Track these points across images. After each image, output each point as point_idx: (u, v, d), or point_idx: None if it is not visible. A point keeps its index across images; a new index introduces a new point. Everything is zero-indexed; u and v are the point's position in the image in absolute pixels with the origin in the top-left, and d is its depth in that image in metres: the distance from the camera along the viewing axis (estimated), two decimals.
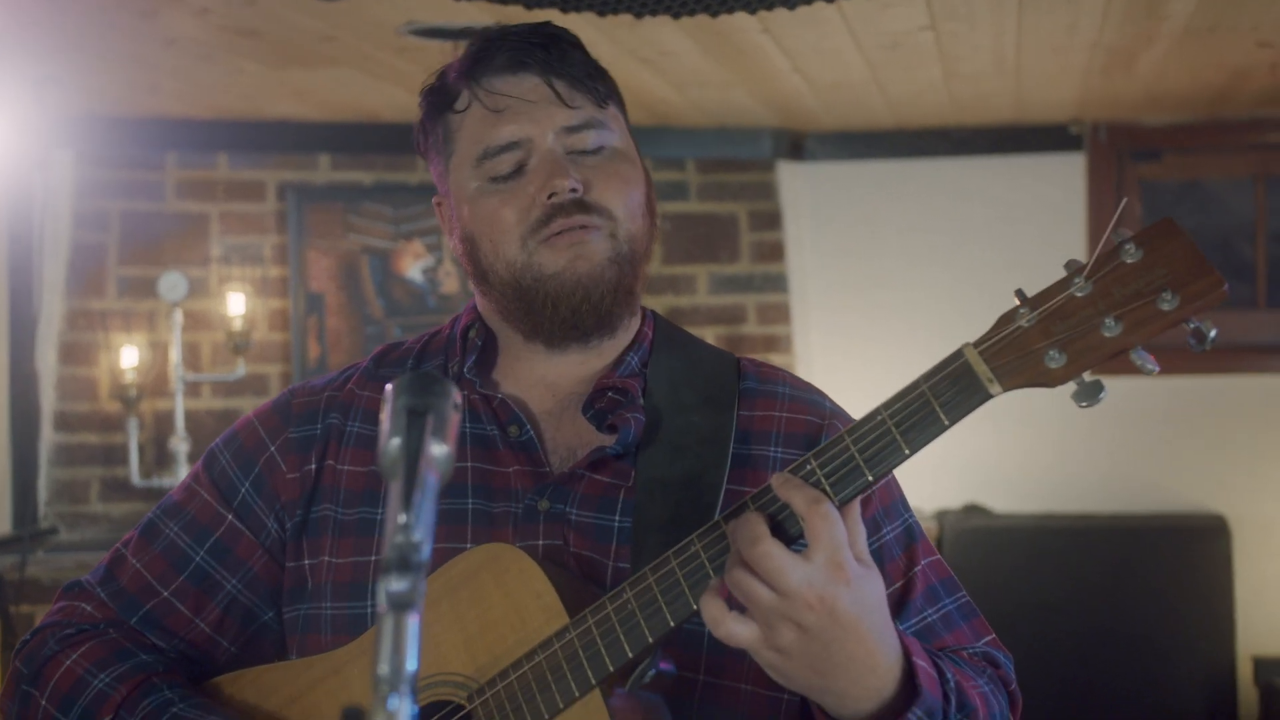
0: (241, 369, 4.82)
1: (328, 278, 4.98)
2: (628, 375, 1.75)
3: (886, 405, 1.45)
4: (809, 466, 1.45)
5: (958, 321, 5.16)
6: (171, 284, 4.76)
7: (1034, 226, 5.16)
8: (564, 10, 3.05)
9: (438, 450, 1.20)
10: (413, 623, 1.06)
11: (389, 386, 1.24)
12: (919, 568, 1.71)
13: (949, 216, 5.21)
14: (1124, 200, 1.45)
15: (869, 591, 1.43)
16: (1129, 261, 1.40)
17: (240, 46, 3.63)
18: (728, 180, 5.13)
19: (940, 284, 5.21)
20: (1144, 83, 4.32)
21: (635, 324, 1.81)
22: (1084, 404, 1.43)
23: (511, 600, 1.60)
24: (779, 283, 5.08)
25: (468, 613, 1.62)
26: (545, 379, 1.77)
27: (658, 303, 5.13)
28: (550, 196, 1.67)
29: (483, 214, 1.70)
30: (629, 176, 1.73)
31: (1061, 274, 1.37)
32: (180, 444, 4.75)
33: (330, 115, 4.79)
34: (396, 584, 1.08)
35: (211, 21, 3.36)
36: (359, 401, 1.80)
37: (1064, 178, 5.14)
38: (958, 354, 1.44)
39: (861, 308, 5.22)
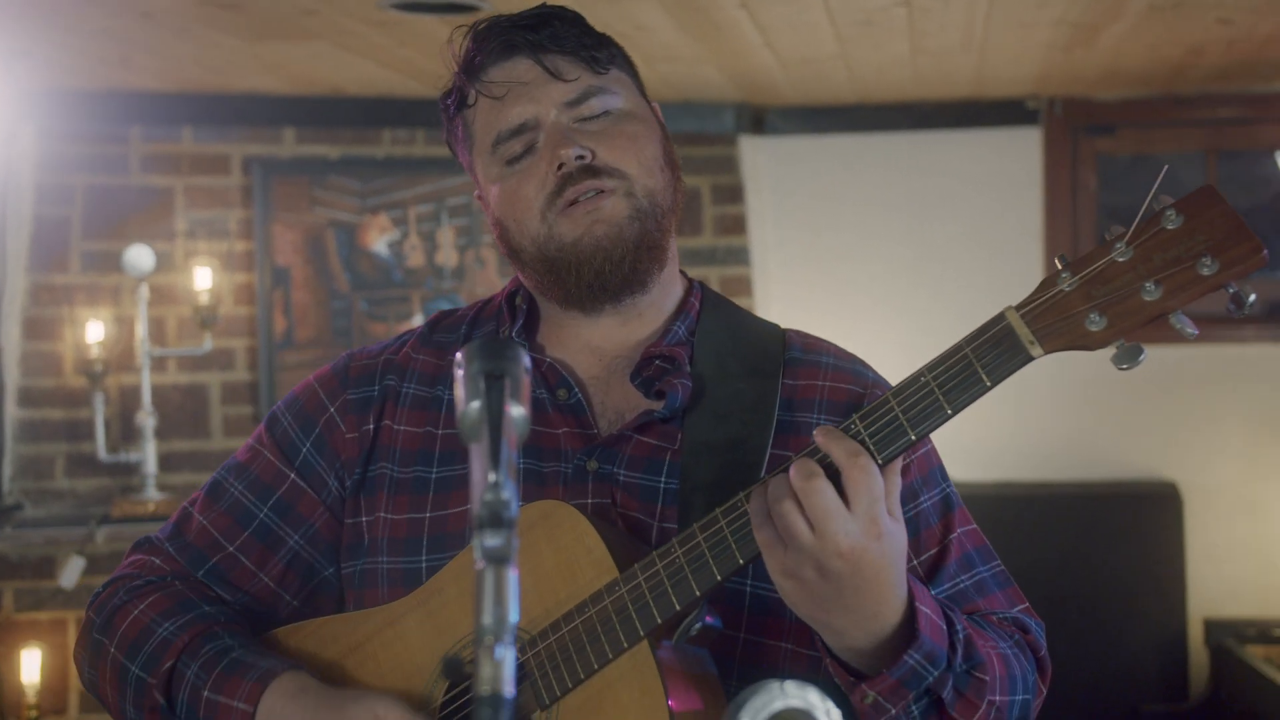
0: (208, 343, 4.82)
1: (293, 251, 4.98)
2: (675, 344, 1.81)
3: (930, 367, 1.51)
4: (855, 427, 1.52)
5: (916, 293, 5.28)
6: (136, 258, 4.73)
7: (992, 200, 5.26)
8: None
9: (516, 412, 1.24)
10: (512, 575, 1.10)
11: (459, 354, 1.29)
12: (954, 535, 1.78)
13: (908, 190, 5.28)
14: (1165, 168, 1.51)
15: (894, 547, 1.50)
16: (1170, 228, 1.45)
17: (219, 20, 3.63)
18: (690, 154, 5.17)
19: (899, 257, 5.29)
20: (1103, 58, 4.40)
21: (678, 291, 1.87)
22: (1124, 366, 1.49)
23: (563, 555, 1.65)
24: (741, 256, 5.14)
25: (521, 566, 1.66)
26: (590, 343, 1.83)
27: None
28: (559, 168, 1.73)
29: (504, 196, 1.78)
30: (637, 134, 1.78)
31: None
32: (147, 419, 4.74)
33: (296, 89, 4.78)
34: (491, 539, 1.13)
35: None
36: (414, 364, 1.87)
37: (1021, 152, 5.23)
38: (1000, 317, 1.50)
39: (822, 281, 5.29)
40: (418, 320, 5.06)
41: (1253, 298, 1.44)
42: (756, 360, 1.81)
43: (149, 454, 4.72)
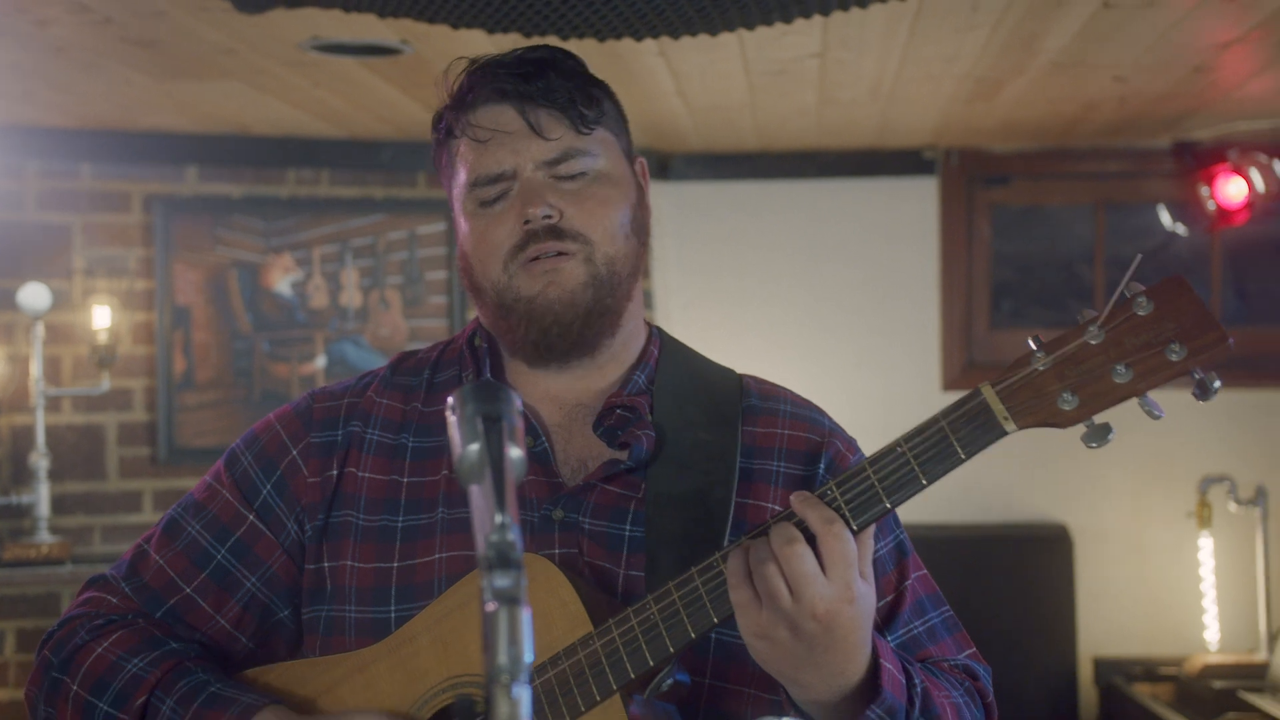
0: (105, 383, 4.74)
1: (195, 291, 4.93)
2: (635, 393, 1.83)
3: (906, 439, 1.57)
4: (831, 493, 1.56)
5: (816, 337, 5.37)
6: (32, 296, 4.64)
7: (890, 246, 5.37)
8: (490, 32, 3.11)
9: (515, 454, 1.26)
10: (525, 615, 1.12)
11: (451, 397, 1.31)
12: (909, 582, 1.82)
13: (809, 237, 5.38)
14: (1139, 256, 1.59)
15: (864, 609, 1.55)
16: (1140, 314, 1.51)
17: (133, 57, 3.59)
18: None
19: (800, 302, 5.37)
20: (1002, 112, 4.53)
21: (640, 340, 1.89)
22: (1093, 445, 1.55)
23: (538, 607, 1.65)
24: (644, 299, 5.17)
25: None
26: (550, 392, 1.84)
27: None
28: (526, 223, 1.74)
29: (474, 235, 1.79)
30: (609, 198, 1.79)
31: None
32: (40, 460, 4.64)
33: (199, 127, 4.74)
34: (500, 580, 1.14)
35: (111, 32, 3.33)
36: (378, 409, 1.87)
37: (918, 200, 5.35)
38: (976, 393, 1.56)
39: (723, 323, 5.35)
40: (321, 362, 5.03)
41: (1217, 384, 1.50)
42: (715, 408, 1.84)
43: (42, 496, 4.62)
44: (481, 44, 3.44)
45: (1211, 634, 5.07)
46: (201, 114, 4.49)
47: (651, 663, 1.60)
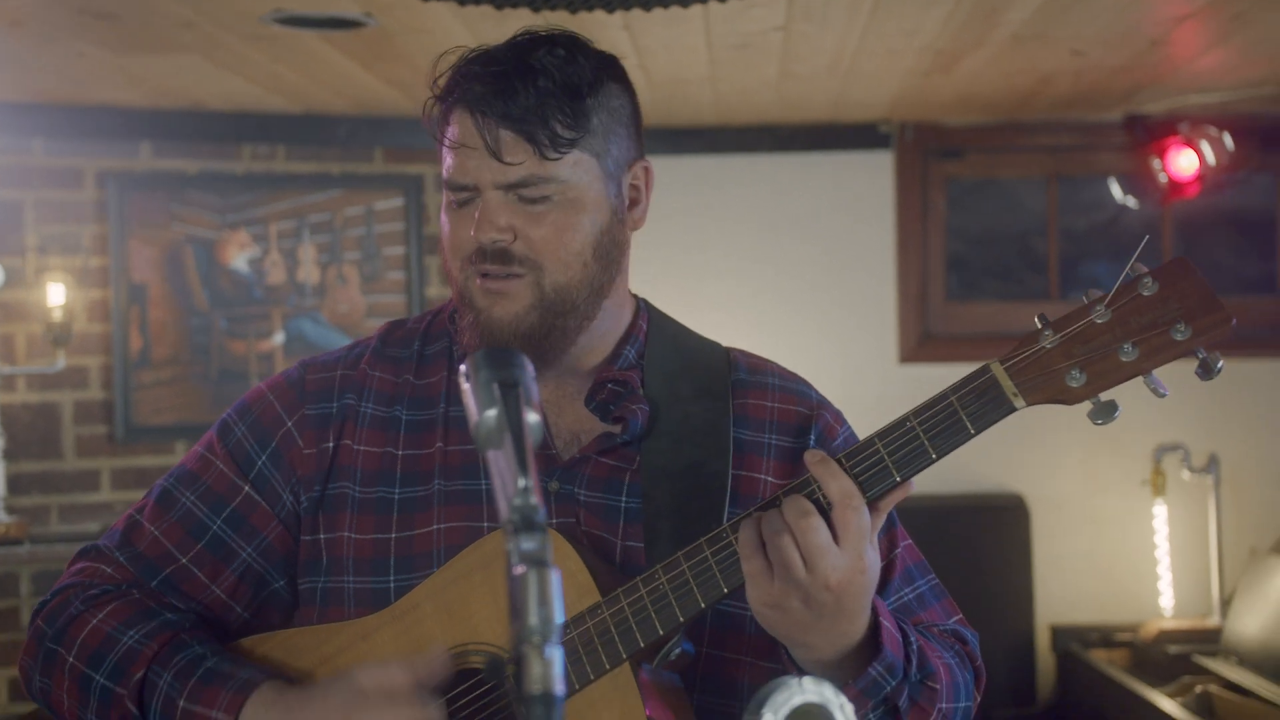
0: (61, 361, 4.69)
1: (150, 268, 4.88)
2: (626, 368, 1.84)
3: (915, 413, 1.59)
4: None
5: (774, 311, 5.39)
6: None
7: (847, 220, 5.39)
8: (460, 3, 3.09)
9: (532, 418, 1.27)
10: (554, 577, 1.12)
11: (464, 365, 1.31)
12: (898, 550, 1.85)
13: (766, 210, 5.39)
14: (1146, 237, 1.64)
15: (872, 578, 1.58)
16: (1145, 294, 1.55)
17: (92, 30, 3.55)
18: None
19: (758, 275, 5.39)
20: (958, 85, 4.56)
21: (627, 314, 1.89)
22: (1099, 422, 1.58)
23: None
24: None
25: (500, 586, 1.69)
26: (540, 368, 1.84)
27: None
28: (479, 242, 1.73)
29: (446, 228, 1.80)
30: (569, 225, 1.73)
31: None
32: None
33: (153, 102, 4.69)
34: (527, 542, 1.15)
35: (70, 3, 3.29)
36: (371, 382, 1.86)
37: (874, 174, 5.38)
38: (984, 369, 1.59)
39: (681, 298, 5.31)
40: (279, 339, 5.00)
41: (1220, 364, 1.54)
42: (705, 382, 1.86)
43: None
44: (446, 18, 3.43)
45: (1166, 600, 5.15)
46: (156, 89, 4.44)
47: (661, 632, 1.61)
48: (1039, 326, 1.58)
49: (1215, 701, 4.36)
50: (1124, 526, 5.27)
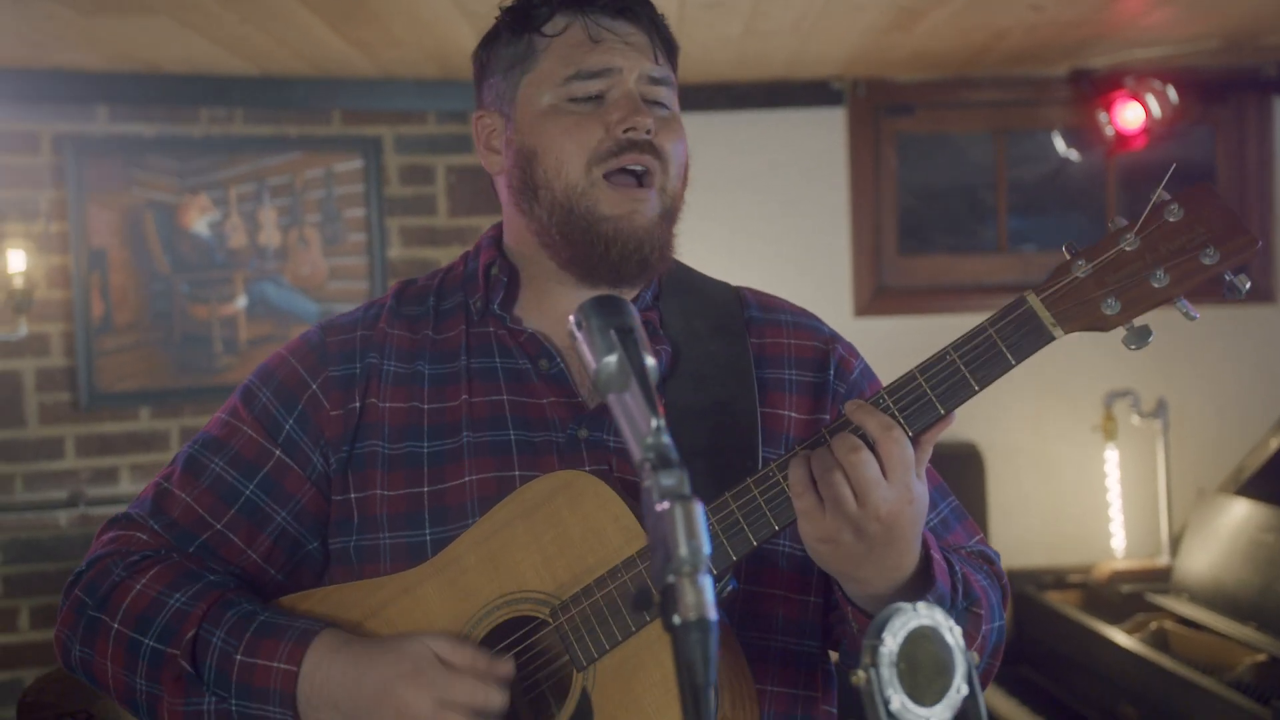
0: (23, 328, 4.65)
1: (110, 233, 4.84)
2: (644, 309, 1.88)
3: (955, 346, 1.63)
4: (884, 402, 1.62)
5: (730, 268, 5.42)
6: None
7: (800, 177, 5.46)
8: None
9: (650, 362, 1.32)
10: (698, 509, 1.18)
11: (573, 315, 1.36)
12: None
13: (722, 168, 5.44)
14: (1173, 165, 1.70)
15: (920, 509, 1.62)
16: (1172, 220, 1.60)
17: None
18: None
19: (713, 234, 5.45)
20: (915, 42, 4.63)
21: None
22: (1134, 347, 1.62)
23: (589, 523, 1.71)
24: None
25: (544, 534, 1.72)
26: (569, 313, 1.88)
27: (445, 254, 5.19)
28: (627, 131, 1.78)
29: (553, 131, 1.81)
30: (683, 137, 1.86)
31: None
32: None
33: (109, 65, 4.64)
34: (666, 479, 1.20)
35: None
36: (391, 340, 1.89)
37: (827, 131, 5.45)
38: (1021, 301, 1.63)
39: None
40: (241, 302, 4.98)
41: (1248, 285, 1.59)
42: (721, 320, 1.90)
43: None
44: None
45: (1118, 542, 5.30)
46: (113, 51, 4.40)
47: (714, 572, 1.64)
48: (1068, 257, 1.62)
49: (1170, 637, 4.50)
50: (1076, 471, 5.41)
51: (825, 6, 3.99)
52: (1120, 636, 4.50)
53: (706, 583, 1.15)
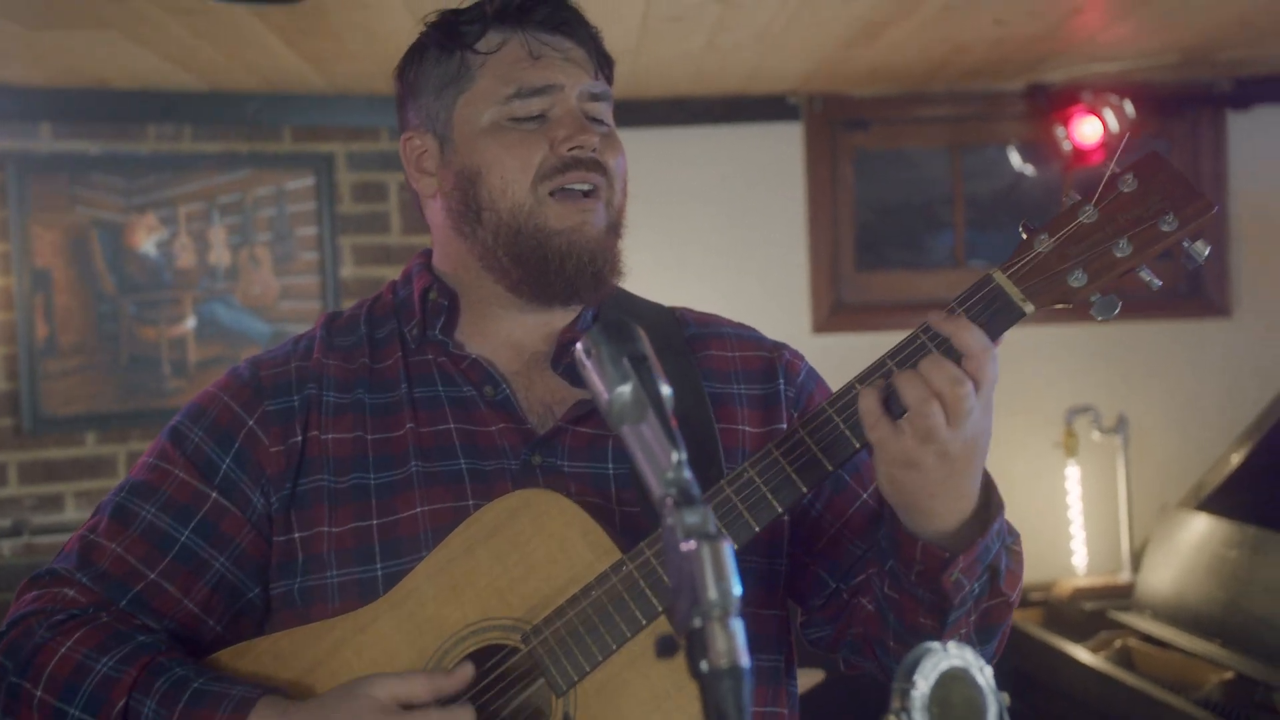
0: None
1: (54, 253, 4.72)
2: (586, 329, 1.81)
3: (925, 328, 1.57)
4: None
5: (687, 284, 5.40)
6: None
7: (758, 192, 5.42)
8: None
9: (666, 391, 1.25)
10: (727, 548, 1.11)
11: (580, 343, 1.29)
12: None
13: (679, 183, 5.39)
14: (1125, 136, 1.73)
15: (991, 426, 1.57)
16: (1126, 190, 1.60)
17: (8, 3, 3.41)
18: None
19: (671, 249, 5.39)
20: (877, 57, 4.60)
21: None
22: (1102, 317, 1.60)
23: (555, 541, 1.65)
24: None
25: (508, 557, 1.66)
26: (511, 338, 1.83)
27: (398, 273, 5.10)
28: (572, 149, 1.74)
29: (496, 150, 1.76)
30: (623, 152, 1.83)
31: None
32: None
33: (52, 80, 4.53)
34: (691, 516, 1.14)
35: None
36: (327, 370, 1.82)
37: (783, 146, 5.41)
38: (988, 278, 1.59)
39: None
40: (190, 324, 4.87)
41: (1207, 250, 1.60)
42: (663, 339, 1.84)
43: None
44: None
45: (1079, 559, 5.29)
46: (58, 66, 4.29)
47: None
48: (1025, 236, 1.60)
49: (1134, 655, 4.48)
50: (1037, 488, 5.39)
51: (791, 18, 3.94)
52: (1084, 655, 4.48)
53: (738, 627, 1.09)
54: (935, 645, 1.23)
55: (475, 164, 1.77)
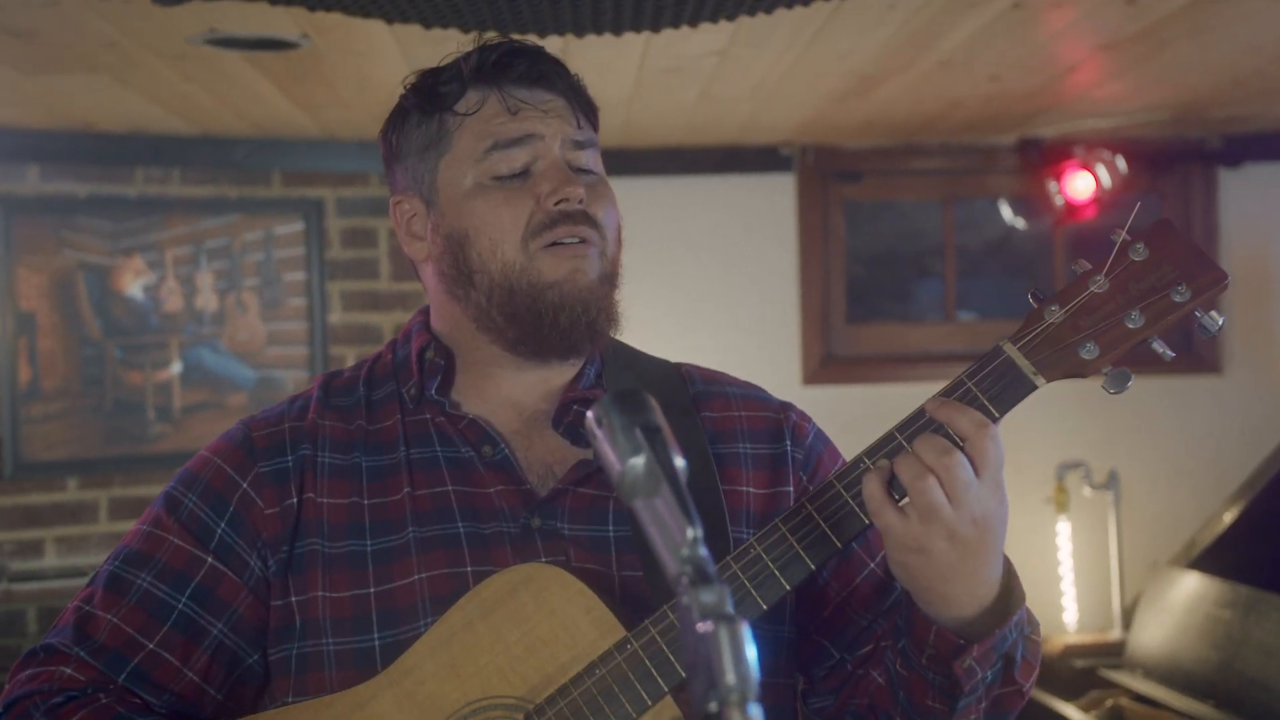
0: None
1: (39, 296, 4.67)
2: (590, 388, 1.78)
3: (932, 403, 1.55)
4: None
5: (678, 334, 5.37)
6: None
7: (750, 243, 5.40)
8: (389, 22, 3.01)
9: (680, 463, 1.21)
10: (744, 630, 1.07)
11: (590, 412, 1.25)
12: None
13: (671, 233, 5.37)
14: (1137, 203, 1.68)
15: (1006, 512, 1.54)
16: (1137, 260, 1.56)
17: (3, 48, 3.38)
18: None
19: (662, 299, 5.37)
20: (872, 109, 4.60)
21: None
22: (1114, 391, 1.56)
23: (558, 618, 1.61)
24: None
25: (509, 634, 1.62)
26: (510, 397, 1.79)
27: (388, 319, 5.07)
28: (558, 203, 1.70)
29: (481, 211, 1.72)
30: (614, 200, 1.79)
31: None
32: None
33: (40, 123, 4.49)
34: (707, 596, 1.10)
35: None
36: (323, 431, 1.77)
37: (776, 197, 5.40)
38: (998, 351, 1.56)
39: None
40: (176, 368, 4.83)
41: (1221, 320, 1.56)
42: (668, 397, 1.80)
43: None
44: (382, 39, 3.35)
45: (1070, 615, 5.25)
46: (47, 109, 4.26)
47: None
48: (1035, 304, 1.57)
49: (1126, 714, 4.44)
50: (1028, 544, 5.36)
51: (786, 72, 3.93)
52: (1075, 714, 4.43)
53: (757, 713, 1.05)
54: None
55: (462, 227, 1.73)
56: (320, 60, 3.56)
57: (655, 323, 5.33)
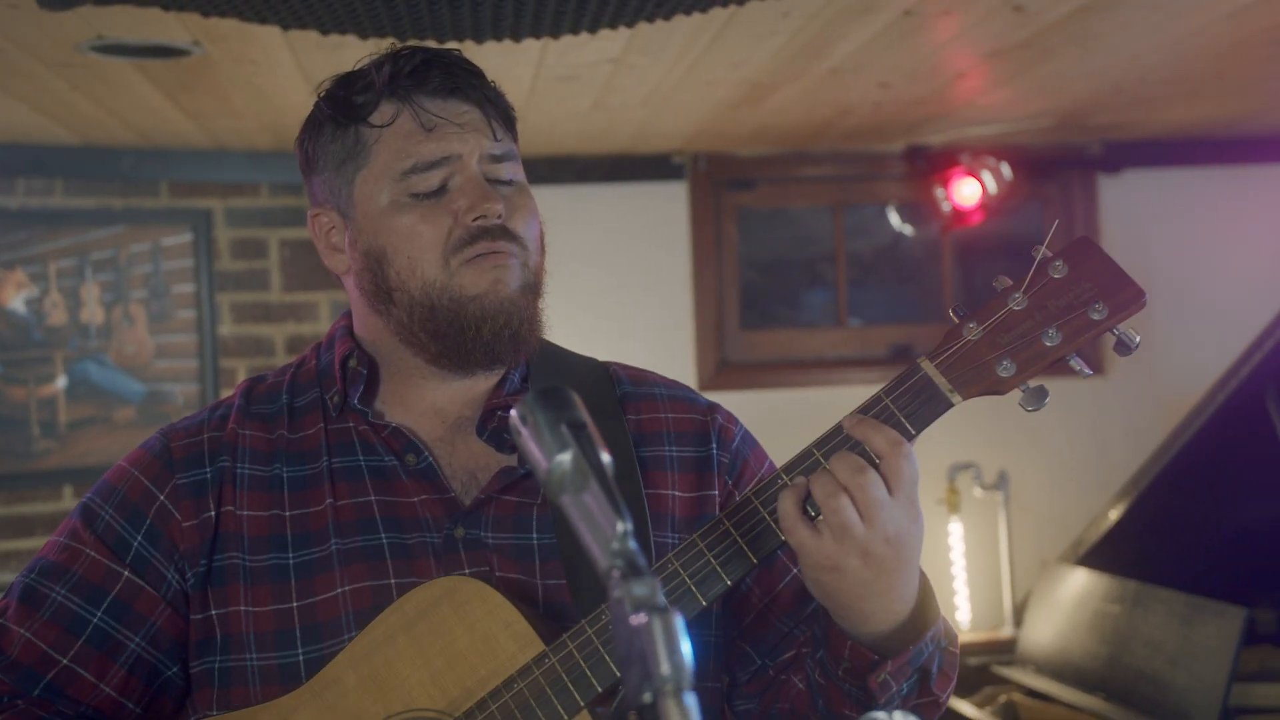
0: None
1: None
2: (514, 393, 1.77)
3: (850, 420, 1.56)
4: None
5: (571, 343, 5.36)
6: None
7: (643, 251, 5.42)
8: (285, 28, 2.98)
9: (606, 458, 1.22)
10: (678, 620, 1.08)
11: (515, 410, 1.25)
12: None
13: (563, 242, 5.27)
14: (1055, 222, 1.68)
15: (921, 531, 1.55)
16: (1056, 277, 1.57)
17: None
18: None
19: (555, 308, 5.27)
20: (764, 117, 4.64)
21: None
22: (1031, 408, 1.58)
23: (478, 631, 1.61)
24: None
25: (430, 647, 1.61)
26: (434, 405, 1.77)
27: (280, 330, 5.01)
28: (476, 219, 1.68)
29: (399, 229, 1.70)
30: (534, 210, 1.77)
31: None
32: None
33: None
34: (639, 589, 1.10)
35: None
36: (243, 441, 1.75)
37: (668, 205, 5.42)
38: (915, 368, 1.57)
39: None
40: (61, 383, 4.73)
41: (1138, 339, 1.58)
42: (594, 399, 1.78)
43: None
44: (275, 47, 3.32)
45: (963, 614, 5.33)
46: None
47: (618, 674, 1.53)
48: (956, 321, 1.58)
49: (1019, 709, 4.51)
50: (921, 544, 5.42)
51: (679, 80, 3.96)
52: (970, 710, 4.50)
53: (692, 701, 1.05)
54: (880, 714, 1.21)
55: (380, 244, 1.71)
56: (211, 68, 3.52)
57: (550, 332, 5.32)
